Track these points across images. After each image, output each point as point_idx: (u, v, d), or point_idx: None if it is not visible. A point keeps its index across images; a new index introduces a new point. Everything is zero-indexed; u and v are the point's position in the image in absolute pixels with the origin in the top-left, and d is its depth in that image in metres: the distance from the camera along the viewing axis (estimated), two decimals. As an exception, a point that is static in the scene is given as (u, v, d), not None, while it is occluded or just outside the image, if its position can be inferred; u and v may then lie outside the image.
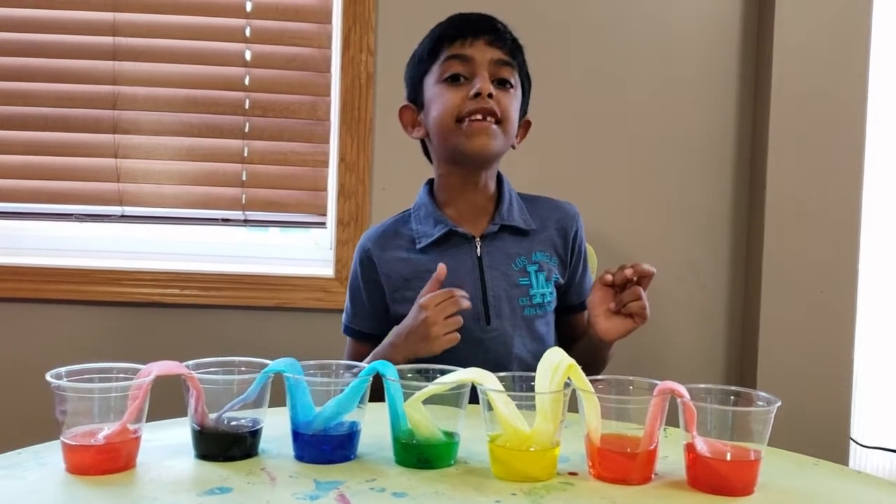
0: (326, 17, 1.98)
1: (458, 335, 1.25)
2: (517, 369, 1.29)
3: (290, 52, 1.98)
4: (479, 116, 1.31)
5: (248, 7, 1.97)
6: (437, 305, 1.24)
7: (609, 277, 1.26)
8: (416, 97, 1.43)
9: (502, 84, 1.35)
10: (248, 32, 1.98)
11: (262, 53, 1.98)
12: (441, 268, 1.27)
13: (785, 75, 1.91)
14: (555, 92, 1.49)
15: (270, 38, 1.98)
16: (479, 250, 1.38)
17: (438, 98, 1.35)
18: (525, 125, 1.45)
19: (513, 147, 1.41)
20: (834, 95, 1.92)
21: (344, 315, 1.47)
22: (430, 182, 1.47)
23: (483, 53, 1.34)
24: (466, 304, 1.26)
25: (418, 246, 1.39)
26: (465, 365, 1.23)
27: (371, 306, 1.42)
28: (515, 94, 1.38)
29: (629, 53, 1.99)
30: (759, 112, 1.97)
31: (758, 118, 1.98)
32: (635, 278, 1.25)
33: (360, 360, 1.41)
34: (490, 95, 1.31)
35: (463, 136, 1.33)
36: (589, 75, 1.99)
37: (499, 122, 1.33)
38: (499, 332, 1.36)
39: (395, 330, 1.31)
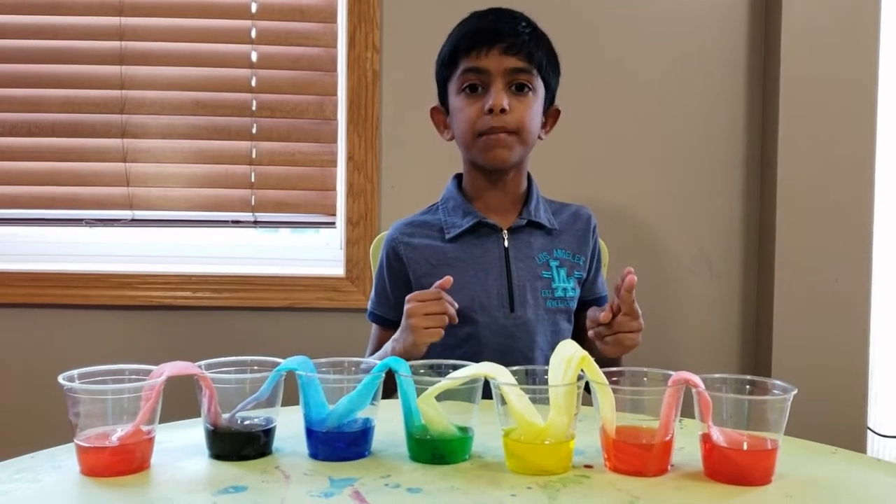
0: (331, 16, 1.98)
1: (441, 331, 1.25)
2: (540, 359, 1.35)
3: (295, 52, 1.98)
4: (494, 131, 1.35)
5: (254, 8, 1.97)
6: (419, 301, 1.26)
7: (597, 327, 1.26)
8: (443, 99, 1.46)
9: (520, 89, 1.37)
10: (253, 34, 1.98)
11: (268, 54, 1.98)
12: (447, 279, 1.28)
13: (794, 63, 1.89)
14: (565, 84, 1.48)
15: (276, 39, 1.98)
16: (505, 242, 1.41)
17: (459, 112, 1.39)
18: (553, 114, 1.47)
19: (540, 138, 1.44)
20: (844, 83, 1.90)
21: (369, 301, 1.50)
22: (458, 176, 1.49)
23: (498, 63, 1.35)
24: (448, 307, 1.25)
25: (447, 236, 1.42)
26: (491, 351, 1.25)
27: (394, 297, 1.45)
28: (535, 97, 1.39)
29: (638, 45, 1.98)
30: (769, 100, 1.95)
31: (767, 106, 1.96)
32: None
33: (380, 346, 1.43)
34: (504, 110, 1.33)
35: (481, 150, 1.37)
36: (599, 69, 1.98)
37: (516, 132, 1.36)
38: (522, 320, 1.38)
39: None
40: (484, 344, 1.29)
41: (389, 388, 0.99)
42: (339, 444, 0.95)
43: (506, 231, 1.41)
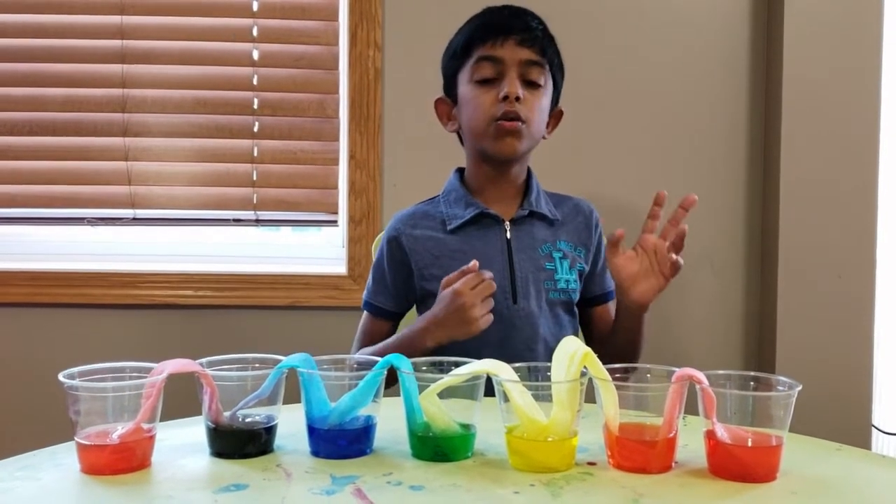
0: (333, 14, 1.97)
1: (492, 316, 1.26)
2: (543, 351, 1.36)
3: (297, 50, 1.98)
4: (506, 119, 1.35)
5: (255, 6, 1.97)
6: (472, 289, 1.25)
7: (651, 236, 1.32)
8: (450, 91, 1.46)
9: (531, 84, 1.38)
10: (255, 32, 1.97)
11: (270, 52, 1.98)
12: (474, 263, 1.27)
13: (796, 60, 1.89)
14: (568, 83, 1.49)
15: (277, 37, 1.97)
16: (508, 233, 1.41)
17: (471, 100, 1.39)
18: (557, 115, 1.48)
19: (544, 138, 1.44)
20: (846, 78, 1.89)
21: (365, 291, 1.50)
22: (460, 170, 1.50)
23: (513, 54, 1.36)
24: (493, 285, 1.27)
25: (449, 227, 1.42)
26: (494, 343, 1.25)
27: (394, 288, 1.45)
28: (545, 93, 1.40)
29: (640, 43, 1.97)
30: (772, 97, 1.95)
31: (770, 103, 1.96)
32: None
33: (374, 335, 1.45)
34: (518, 99, 1.34)
35: (491, 139, 1.37)
36: (601, 67, 1.97)
37: (525, 122, 1.36)
38: (525, 312, 1.38)
39: (426, 316, 1.32)
40: (486, 336, 1.27)
41: (390, 381, 0.99)
42: (341, 441, 0.95)
43: (508, 222, 1.42)
